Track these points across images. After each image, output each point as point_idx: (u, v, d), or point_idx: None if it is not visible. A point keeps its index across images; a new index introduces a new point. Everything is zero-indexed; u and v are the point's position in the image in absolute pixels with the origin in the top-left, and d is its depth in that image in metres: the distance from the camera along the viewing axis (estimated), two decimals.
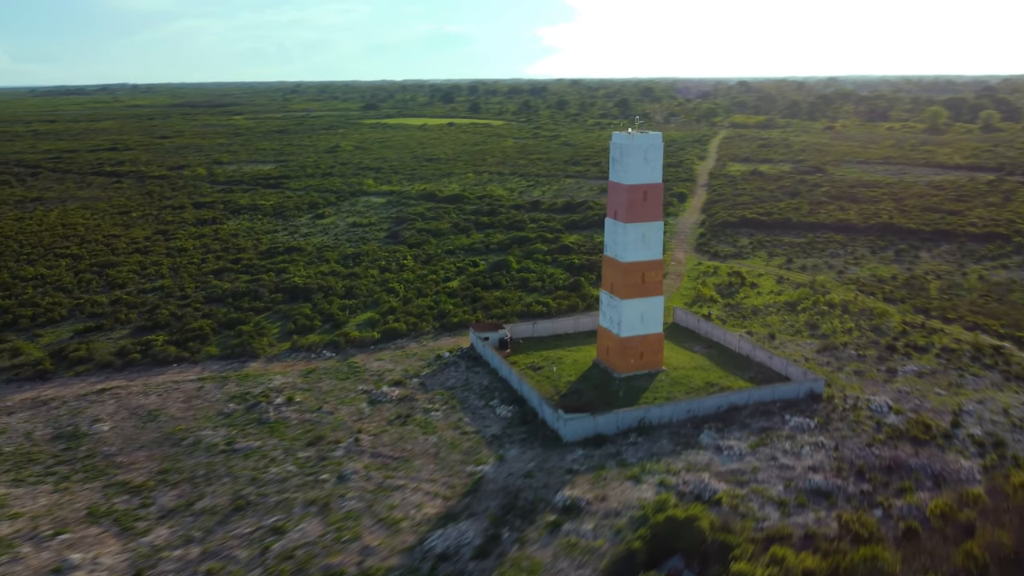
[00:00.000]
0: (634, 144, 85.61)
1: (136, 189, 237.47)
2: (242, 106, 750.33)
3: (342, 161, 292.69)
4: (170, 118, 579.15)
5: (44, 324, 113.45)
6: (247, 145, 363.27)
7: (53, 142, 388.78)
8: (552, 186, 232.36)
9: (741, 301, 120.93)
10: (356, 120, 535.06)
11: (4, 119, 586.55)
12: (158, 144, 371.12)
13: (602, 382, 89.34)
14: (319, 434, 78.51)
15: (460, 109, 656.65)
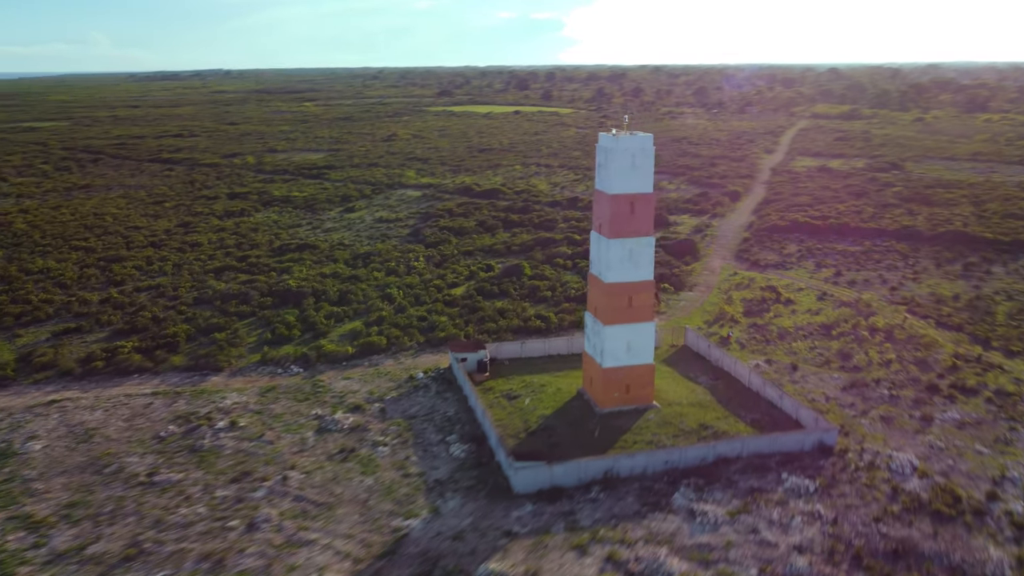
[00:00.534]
0: (620, 147, 74.17)
1: (182, 177, 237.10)
2: (318, 92, 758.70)
3: (392, 151, 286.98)
4: (246, 104, 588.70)
5: (29, 323, 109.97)
6: (308, 133, 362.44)
7: (127, 128, 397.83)
8: None
9: (770, 321, 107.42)
10: (425, 107, 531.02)
11: (93, 104, 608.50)
12: (223, 131, 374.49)
13: (580, 418, 78.60)
14: (248, 468, 70.73)
15: (533, 96, 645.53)
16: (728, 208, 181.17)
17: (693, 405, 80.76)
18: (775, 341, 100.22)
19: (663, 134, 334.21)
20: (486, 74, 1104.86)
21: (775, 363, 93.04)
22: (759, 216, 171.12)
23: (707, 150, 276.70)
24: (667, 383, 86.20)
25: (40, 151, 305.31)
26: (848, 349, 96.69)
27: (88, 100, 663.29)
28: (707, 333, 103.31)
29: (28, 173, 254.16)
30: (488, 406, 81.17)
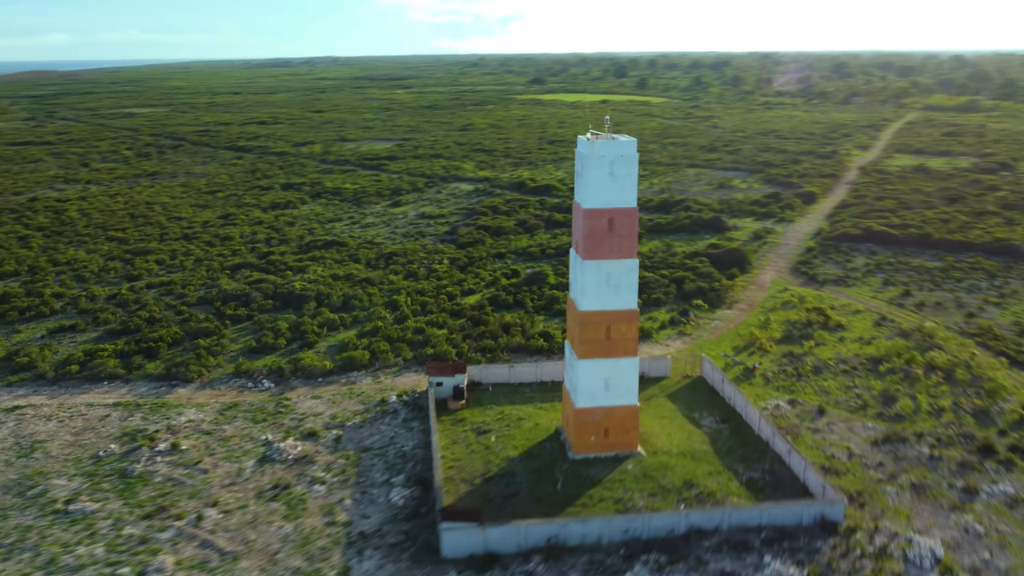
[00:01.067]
0: (595, 154, 63.38)
1: (247, 166, 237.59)
2: (417, 79, 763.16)
3: (461, 141, 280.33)
4: (340, 91, 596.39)
5: (32, 318, 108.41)
6: (387, 121, 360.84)
7: (218, 114, 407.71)
8: (665, 177, 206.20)
9: (809, 351, 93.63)
10: (514, 96, 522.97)
11: (199, 91, 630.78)
12: (306, 119, 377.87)
13: (549, 463, 68.61)
14: (168, 502, 64.46)
15: (628, 85, 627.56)
16: (799, 212, 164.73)
17: (684, 455, 69.31)
18: (808, 376, 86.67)
19: (750, 126, 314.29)
20: (586, 61, 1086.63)
21: (800, 404, 79.94)
22: (831, 222, 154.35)
23: (794, 145, 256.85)
24: (663, 424, 74.94)
25: (130, 137, 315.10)
26: (893, 391, 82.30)
27: (198, 87, 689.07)
28: (731, 363, 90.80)
29: (111, 159, 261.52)
30: (451, 442, 72.36)
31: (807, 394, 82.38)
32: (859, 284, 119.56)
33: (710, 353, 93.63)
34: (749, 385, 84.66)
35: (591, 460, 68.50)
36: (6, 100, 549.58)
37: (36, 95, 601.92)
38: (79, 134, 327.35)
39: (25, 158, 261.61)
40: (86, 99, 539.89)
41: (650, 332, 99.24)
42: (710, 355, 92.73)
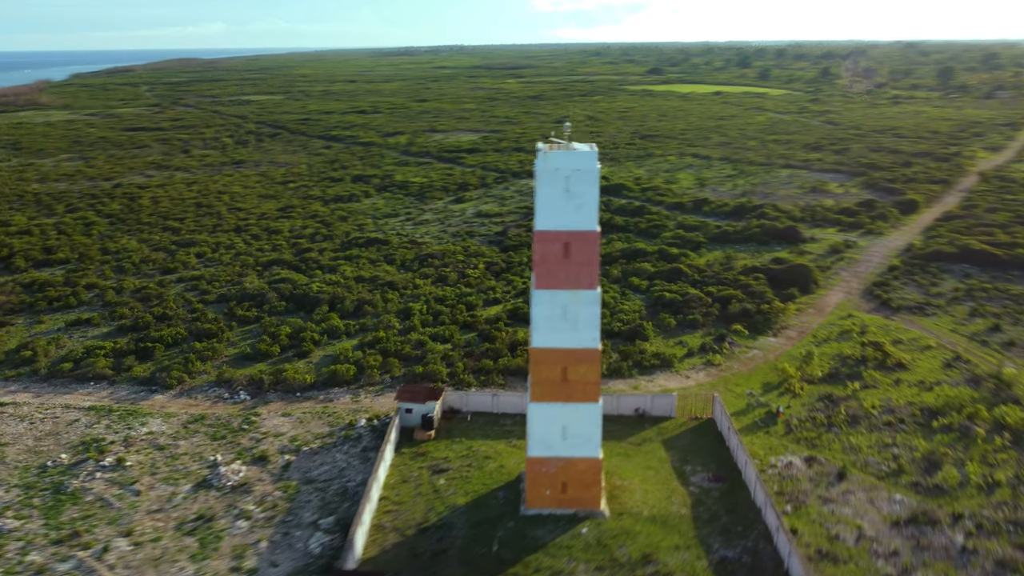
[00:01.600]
0: (548, 167, 54.24)
1: (331, 156, 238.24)
2: (533, 69, 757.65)
3: (548, 134, 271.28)
4: (453, 80, 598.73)
5: (59, 309, 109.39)
6: (486, 112, 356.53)
7: (325, 103, 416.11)
8: (754, 178, 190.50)
9: (852, 394, 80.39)
10: (625, 86, 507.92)
11: (321, 79, 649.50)
12: (407, 108, 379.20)
13: (495, 517, 60.37)
14: (86, 527, 60.73)
15: (749, 75, 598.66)
16: (892, 223, 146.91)
17: (655, 521, 59.36)
18: (840, 427, 73.88)
19: (869, 122, 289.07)
20: (712, 50, 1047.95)
21: (818, 463, 67.74)
22: (927, 237, 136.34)
23: (910, 145, 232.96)
24: (644, 477, 65.02)
25: (236, 125, 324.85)
26: (940, 454, 68.58)
27: (320, 75, 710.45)
28: (753, 404, 79.02)
29: (212, 146, 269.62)
30: (400, 480, 65.38)
31: (832, 450, 69.91)
32: (940, 313, 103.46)
33: (735, 390, 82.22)
34: (765, 434, 72.99)
35: (544, 517, 59.76)
36: (144, 86, 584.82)
37: (173, 82, 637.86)
38: (191, 121, 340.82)
39: (134, 144, 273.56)
40: (214, 86, 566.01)
41: (671, 360, 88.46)
42: (734, 393, 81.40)
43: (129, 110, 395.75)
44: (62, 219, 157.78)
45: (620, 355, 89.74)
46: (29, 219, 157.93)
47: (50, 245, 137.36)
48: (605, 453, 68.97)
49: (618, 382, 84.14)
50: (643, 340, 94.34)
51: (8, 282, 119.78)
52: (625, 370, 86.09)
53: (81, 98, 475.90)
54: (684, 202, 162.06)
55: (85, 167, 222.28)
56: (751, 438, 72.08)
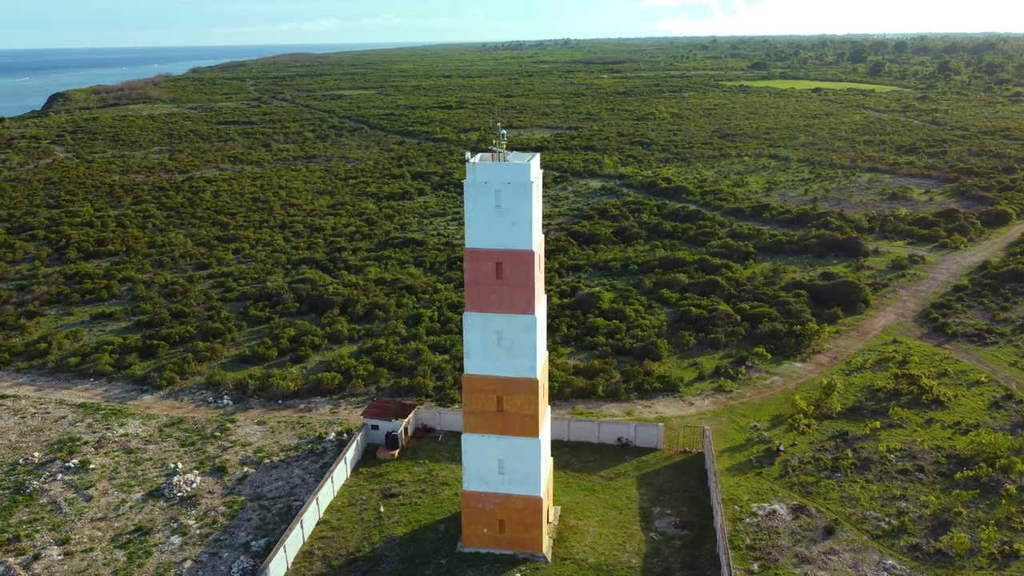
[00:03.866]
0: (476, 180, 49.51)
1: (401, 152, 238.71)
2: (633, 63, 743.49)
3: (625, 132, 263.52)
4: (549, 75, 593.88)
5: (90, 301, 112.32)
6: (570, 108, 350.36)
7: (414, 97, 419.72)
8: (830, 183, 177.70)
9: (871, 433, 71.74)
10: (722, 82, 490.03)
11: (415, 74, 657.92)
12: (491, 104, 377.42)
13: (429, 553, 56.28)
14: (29, 531, 60.54)
15: (861, 71, 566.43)
16: (972, 236, 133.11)
17: (599, 571, 53.82)
18: (845, 472, 65.75)
19: (979, 122, 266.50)
20: (827, 43, 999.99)
21: (807, 515, 60.19)
22: (1008, 254, 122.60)
23: (1018, 148, 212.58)
24: (604, 517, 59.43)
25: (321, 119, 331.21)
26: (953, 514, 59.74)
27: (418, 70, 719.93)
28: (755, 439, 71.65)
29: (293, 140, 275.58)
30: (347, 503, 62.23)
31: (827, 500, 62.14)
32: (1002, 343, 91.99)
33: (740, 422, 75.01)
34: (757, 475, 65.76)
35: (480, 556, 55.26)
36: (250, 81, 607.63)
37: (278, 76, 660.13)
38: (282, 115, 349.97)
39: (221, 137, 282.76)
40: (314, 81, 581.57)
41: (677, 384, 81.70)
42: (737, 425, 74.25)
43: (228, 104, 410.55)
44: (125, 211, 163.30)
45: (623, 376, 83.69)
46: (96, 210, 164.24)
47: (104, 237, 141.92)
48: (572, 487, 63.96)
49: (612, 406, 78.24)
50: (654, 360, 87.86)
51: (53, 273, 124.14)
52: (623, 393, 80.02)
53: (188, 92, 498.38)
54: (743, 208, 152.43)
55: (167, 160, 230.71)
56: (739, 479, 65.13)
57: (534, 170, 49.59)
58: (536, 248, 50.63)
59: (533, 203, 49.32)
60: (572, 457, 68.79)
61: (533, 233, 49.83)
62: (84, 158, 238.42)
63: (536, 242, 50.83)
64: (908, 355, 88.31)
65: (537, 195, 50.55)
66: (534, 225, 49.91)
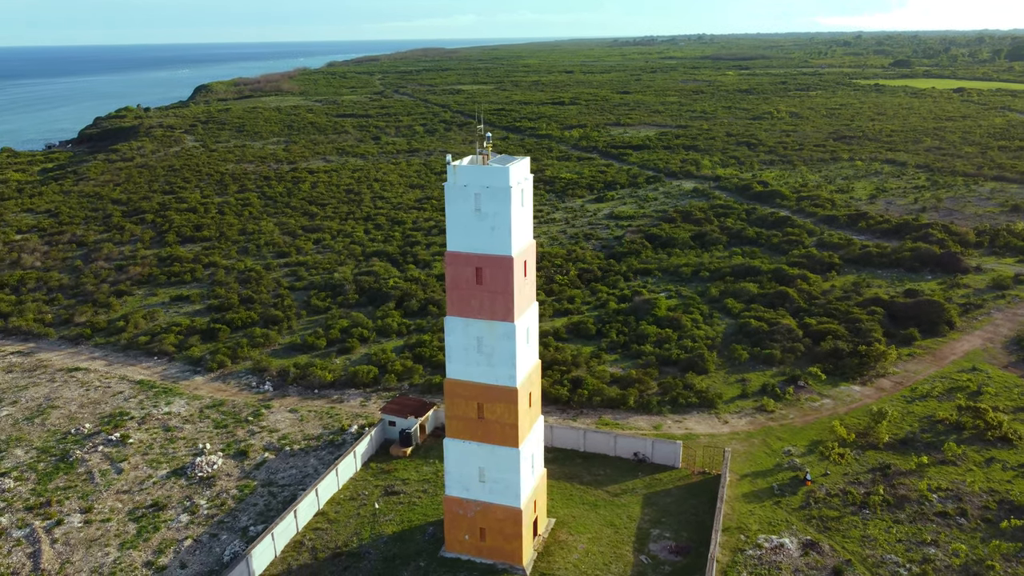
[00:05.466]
0: (457, 183, 48.65)
1: (500, 148, 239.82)
2: (765, 60, 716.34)
3: (734, 132, 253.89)
4: (673, 71, 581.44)
5: (174, 283, 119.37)
6: (685, 105, 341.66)
7: (530, 93, 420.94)
8: (948, 191, 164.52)
9: (916, 469, 65.74)
10: (855, 80, 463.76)
11: (538, 69, 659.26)
12: (607, 100, 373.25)
13: (411, 554, 56.15)
14: (61, 497, 64.98)
15: (1017, 70, 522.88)
16: None
17: None
18: (874, 510, 60.53)
19: None
20: (984, 39, 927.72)
21: (818, 552, 55.82)
22: None
23: None
24: (596, 536, 57.40)
25: (434, 114, 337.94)
26: (983, 567, 53.77)
27: (542, 65, 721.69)
28: (784, 465, 67.21)
29: (402, 133, 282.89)
30: (348, 497, 63.07)
31: (846, 538, 57.41)
32: None
33: (774, 445, 70.68)
34: (775, 504, 61.64)
35: (460, 563, 54.62)
36: (378, 75, 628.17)
37: (405, 70, 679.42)
38: (399, 109, 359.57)
39: (336, 130, 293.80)
40: (437, 75, 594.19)
41: (715, 400, 77.83)
42: (770, 448, 70.02)
43: (351, 97, 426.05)
44: (228, 199, 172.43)
45: (660, 388, 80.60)
46: (203, 197, 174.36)
47: (202, 223, 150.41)
48: (574, 500, 62.26)
49: (640, 419, 75.49)
50: (699, 373, 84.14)
51: (149, 255, 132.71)
52: (654, 406, 77.04)
53: (319, 85, 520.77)
54: (839, 215, 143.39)
55: (281, 151, 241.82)
56: (754, 507, 61.28)
57: (515, 175, 48.19)
58: (518, 254, 49.28)
59: (513, 208, 47.97)
60: (583, 469, 66.87)
61: (514, 238, 48.50)
62: (209, 147, 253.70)
63: (519, 248, 49.48)
64: (984, 385, 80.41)
65: (519, 200, 49.13)
66: (515, 231, 48.55)
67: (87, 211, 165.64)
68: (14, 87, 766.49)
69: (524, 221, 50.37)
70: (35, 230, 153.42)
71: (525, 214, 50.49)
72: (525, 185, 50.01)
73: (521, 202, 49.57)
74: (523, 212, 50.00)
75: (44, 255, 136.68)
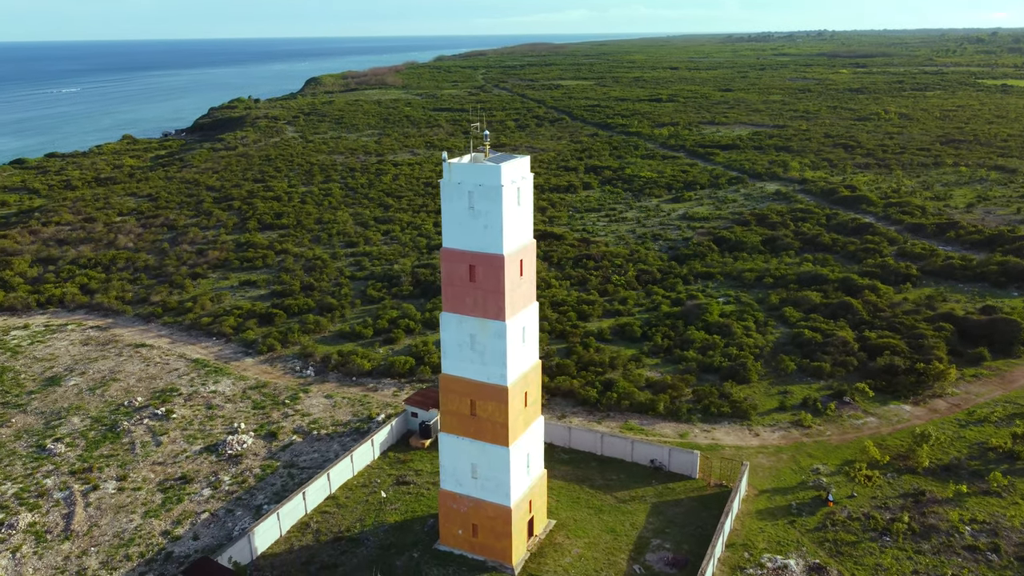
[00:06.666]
0: (451, 181, 48.86)
1: (586, 144, 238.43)
2: (887, 57, 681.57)
3: (833, 133, 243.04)
4: (781, 69, 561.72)
5: (246, 268, 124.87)
6: (787, 105, 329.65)
7: (629, 90, 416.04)
8: None
9: (953, 498, 61.53)
10: (983, 79, 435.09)
11: (643, 65, 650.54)
12: (705, 97, 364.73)
13: (407, 544, 57.01)
14: (101, 464, 69.36)
15: None
16: None
17: None
18: (895, 539, 57.03)
19: None
20: None
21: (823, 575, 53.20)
22: None
23: None
24: (593, 541, 56.64)
25: (528, 109, 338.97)
26: None
27: (648, 61, 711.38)
28: (809, 483, 64.23)
29: (494, 129, 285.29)
30: (360, 484, 64.53)
31: (858, 564, 54.36)
32: None
33: (803, 462, 67.73)
34: (790, 524, 59.05)
35: (452, 557, 55.06)
36: (482, 69, 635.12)
37: (510, 65, 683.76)
38: (494, 103, 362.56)
39: (429, 123, 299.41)
40: (539, 71, 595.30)
41: (748, 411, 75.13)
42: (798, 465, 67.18)
43: (451, 92, 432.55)
44: (312, 189, 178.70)
45: (694, 395, 78.49)
46: (289, 186, 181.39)
47: (283, 211, 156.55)
48: (579, 503, 61.64)
49: (667, 426, 73.74)
50: (740, 382, 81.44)
51: (229, 240, 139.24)
52: (684, 413, 75.07)
53: (422, 79, 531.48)
54: (927, 224, 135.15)
55: (372, 143, 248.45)
56: (766, 524, 58.93)
57: (508, 173, 47.97)
58: (512, 253, 49.08)
59: (506, 207, 47.79)
60: (597, 473, 65.98)
61: (506, 237, 48.32)
62: (306, 138, 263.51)
63: (513, 247, 49.25)
64: None
65: (514, 199, 48.84)
66: (507, 229, 48.34)
67: (183, 196, 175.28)
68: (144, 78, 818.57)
69: (520, 220, 50.10)
70: (134, 213, 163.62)
71: (522, 213, 50.21)
72: (522, 184, 49.72)
73: (517, 201, 49.34)
74: (519, 211, 49.73)
75: (137, 237, 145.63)
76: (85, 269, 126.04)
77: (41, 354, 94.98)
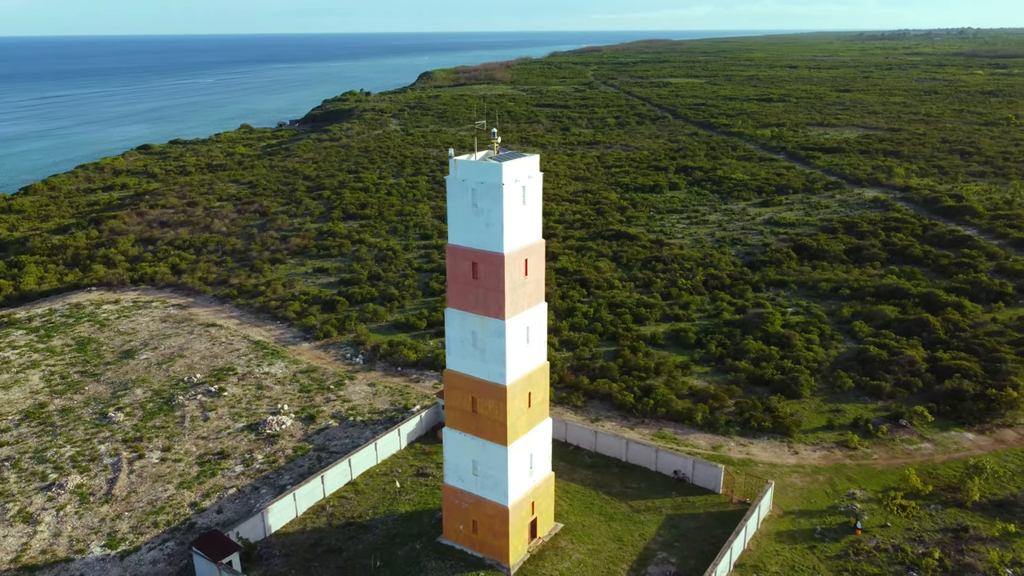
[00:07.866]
0: (456, 178, 48.97)
1: (683, 143, 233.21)
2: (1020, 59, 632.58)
3: (951, 138, 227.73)
4: (909, 69, 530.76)
5: (322, 256, 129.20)
6: (907, 107, 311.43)
7: (741, 89, 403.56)
8: None
9: (998, 535, 56.83)
10: None
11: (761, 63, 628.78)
12: (821, 98, 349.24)
13: (413, 535, 57.74)
14: (151, 435, 73.61)
15: None
16: None
17: None
18: (919, 574, 53.12)
19: None
20: None
21: None
22: None
23: None
24: (596, 548, 55.68)
25: (632, 107, 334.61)
26: None
27: (768, 59, 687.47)
28: (841, 508, 60.77)
29: (595, 126, 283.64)
30: (381, 472, 65.83)
31: None
32: None
33: (840, 485, 64.22)
34: (808, 548, 56.07)
35: (452, 552, 55.41)
36: (593, 65, 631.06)
37: (623, 62, 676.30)
38: (599, 100, 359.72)
39: (529, 118, 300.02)
40: (650, 68, 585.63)
41: (791, 428, 71.74)
42: (833, 488, 63.78)
43: (558, 88, 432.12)
44: (400, 181, 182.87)
45: (736, 407, 75.64)
46: (378, 178, 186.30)
47: (367, 201, 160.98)
48: (592, 509, 60.83)
49: (701, 437, 71.40)
50: (789, 397, 77.90)
51: (312, 229, 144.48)
52: (721, 425, 72.48)
53: (532, 74, 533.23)
54: (1021, 238, 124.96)
55: (469, 137, 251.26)
56: (784, 547, 56.21)
57: (512, 172, 47.62)
58: (514, 252, 48.74)
59: (507, 205, 47.50)
60: (617, 479, 64.70)
61: (507, 236, 48.04)
62: (407, 131, 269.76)
63: (515, 246, 48.90)
64: None
65: (518, 198, 48.42)
66: (509, 228, 48.03)
67: (279, 184, 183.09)
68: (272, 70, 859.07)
69: (525, 219, 49.65)
70: (232, 199, 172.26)
71: (528, 212, 49.75)
72: (528, 183, 49.27)
73: (522, 200, 48.95)
74: (524, 210, 49.31)
75: (231, 222, 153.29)
76: (179, 250, 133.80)
77: (124, 328, 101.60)
